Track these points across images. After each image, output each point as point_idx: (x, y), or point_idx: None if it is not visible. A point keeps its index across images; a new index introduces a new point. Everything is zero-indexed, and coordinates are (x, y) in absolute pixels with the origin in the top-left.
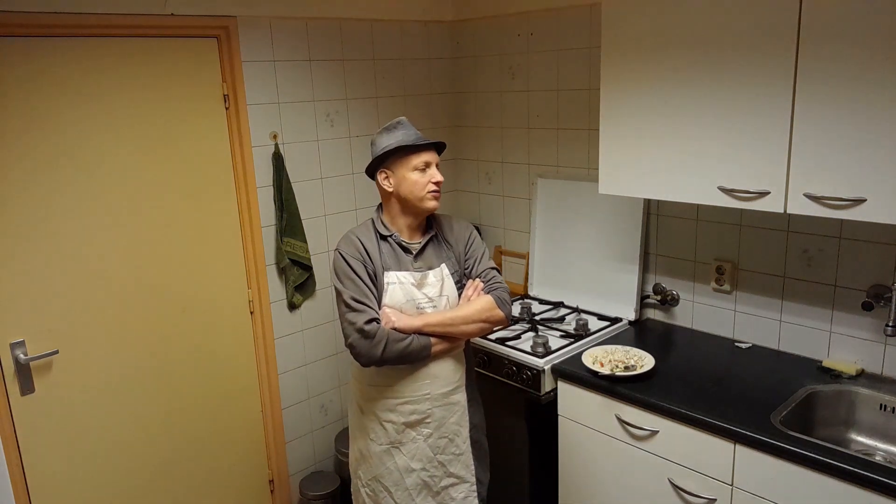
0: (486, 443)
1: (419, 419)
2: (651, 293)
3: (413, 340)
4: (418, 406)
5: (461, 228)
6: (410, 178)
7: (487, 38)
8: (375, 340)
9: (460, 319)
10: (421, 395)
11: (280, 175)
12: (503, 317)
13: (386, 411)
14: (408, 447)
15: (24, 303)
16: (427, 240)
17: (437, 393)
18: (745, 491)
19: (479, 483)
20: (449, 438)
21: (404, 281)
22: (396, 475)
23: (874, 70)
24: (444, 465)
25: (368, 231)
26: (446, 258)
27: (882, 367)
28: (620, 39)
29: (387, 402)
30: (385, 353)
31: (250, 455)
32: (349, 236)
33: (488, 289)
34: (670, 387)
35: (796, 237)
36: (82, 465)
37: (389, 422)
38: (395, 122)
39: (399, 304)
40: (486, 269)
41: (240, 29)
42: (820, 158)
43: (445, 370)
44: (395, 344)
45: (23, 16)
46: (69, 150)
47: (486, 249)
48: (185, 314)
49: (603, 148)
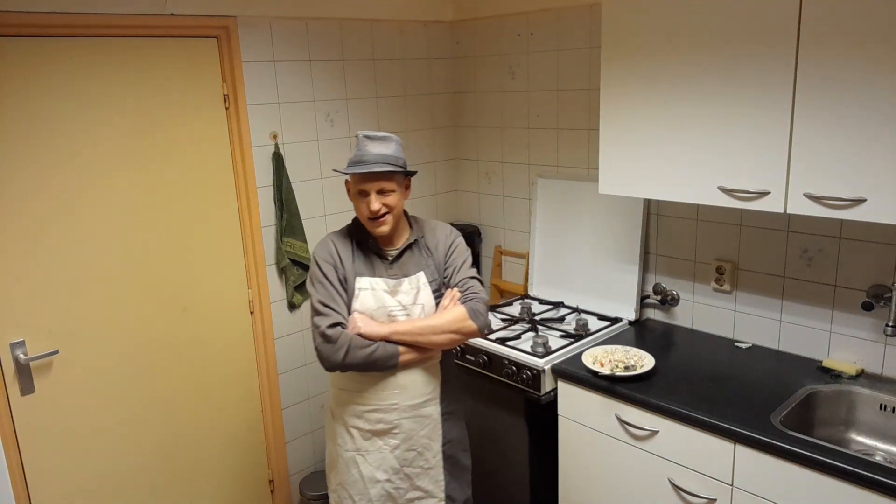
0: (465, 459)
1: (386, 429)
2: (651, 293)
3: (378, 348)
4: (385, 416)
5: (444, 235)
6: (355, 203)
7: (487, 38)
8: (337, 345)
9: (430, 329)
10: (388, 404)
11: (280, 175)
12: (476, 329)
13: (353, 417)
14: (373, 456)
15: (24, 303)
16: (405, 247)
17: (405, 404)
18: (745, 491)
19: (449, 500)
20: (417, 451)
21: (377, 287)
22: (360, 484)
23: (874, 70)
24: (410, 479)
25: (345, 235)
26: (425, 266)
27: (882, 367)
28: (620, 39)
29: (355, 408)
30: (347, 359)
31: (250, 455)
32: (325, 240)
33: (464, 299)
34: (670, 387)
35: (796, 237)
36: (82, 465)
37: (356, 428)
38: (362, 137)
39: (369, 311)
40: (464, 278)
41: (240, 29)
42: (820, 158)
43: (415, 381)
44: (357, 350)
45: (23, 16)
46: (69, 150)
47: (468, 258)
48: (185, 314)
49: (603, 148)
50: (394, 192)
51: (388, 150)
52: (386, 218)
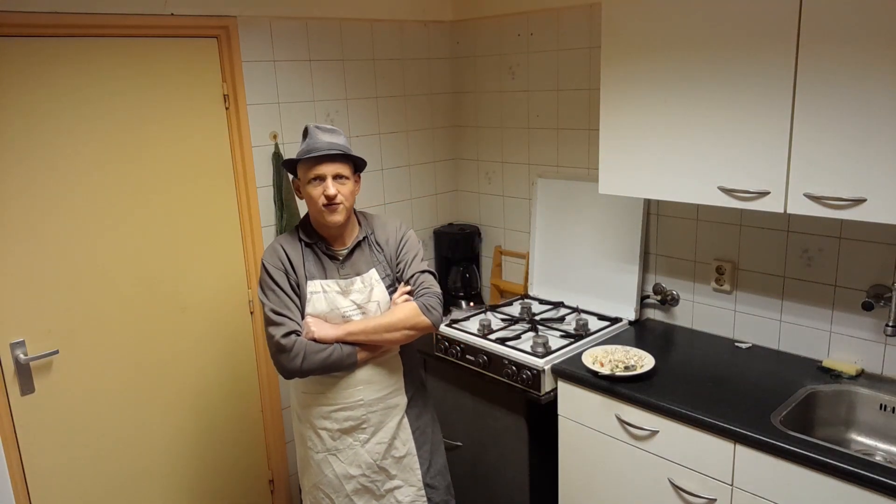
0: (437, 434)
1: (354, 425)
2: (651, 293)
3: (334, 350)
4: (353, 412)
5: (393, 230)
6: (307, 192)
7: (487, 38)
8: (293, 353)
9: (383, 328)
10: (354, 401)
11: (280, 175)
12: (429, 324)
13: (320, 419)
14: (345, 454)
15: (24, 303)
16: (354, 245)
17: (371, 398)
18: (745, 491)
19: (428, 488)
20: (388, 443)
21: (328, 289)
22: (336, 482)
23: (874, 70)
24: (385, 470)
25: (293, 239)
26: (376, 262)
27: (882, 367)
28: (620, 39)
29: (321, 409)
30: (304, 365)
31: (250, 455)
32: (274, 245)
33: (417, 294)
34: (670, 387)
35: (796, 237)
36: (82, 465)
37: (325, 429)
38: (313, 127)
39: (322, 314)
40: (416, 272)
41: (240, 29)
42: (820, 158)
43: (378, 375)
44: (314, 355)
45: (23, 16)
46: (69, 150)
47: (419, 251)
48: (185, 314)
49: (603, 148)
50: (348, 181)
51: (340, 141)
52: (340, 206)
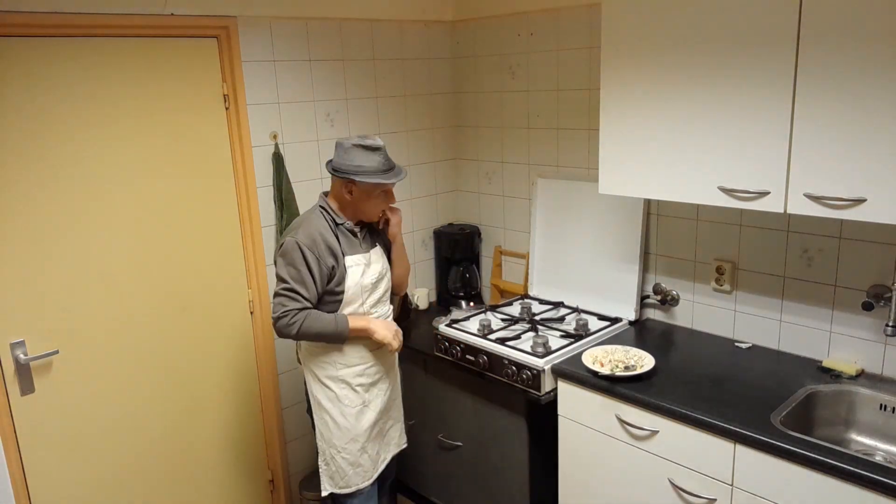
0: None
1: (380, 377)
2: (651, 293)
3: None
4: (380, 367)
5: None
6: (374, 201)
7: (487, 38)
8: (292, 322)
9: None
10: (378, 358)
11: (280, 175)
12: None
13: (356, 377)
14: (374, 403)
15: (24, 303)
16: (362, 226)
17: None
18: (745, 491)
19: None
20: (393, 387)
21: (360, 263)
22: (368, 430)
23: (874, 70)
24: (388, 411)
25: (324, 222)
26: (377, 237)
27: (882, 367)
28: (620, 39)
29: (356, 368)
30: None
31: (250, 455)
32: (312, 232)
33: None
34: (670, 387)
35: (796, 237)
36: (82, 465)
37: (361, 385)
38: (373, 144)
39: (358, 283)
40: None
41: (240, 29)
42: (820, 158)
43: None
44: (309, 329)
45: (23, 16)
46: (69, 150)
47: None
48: (185, 314)
49: (603, 148)
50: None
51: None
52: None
